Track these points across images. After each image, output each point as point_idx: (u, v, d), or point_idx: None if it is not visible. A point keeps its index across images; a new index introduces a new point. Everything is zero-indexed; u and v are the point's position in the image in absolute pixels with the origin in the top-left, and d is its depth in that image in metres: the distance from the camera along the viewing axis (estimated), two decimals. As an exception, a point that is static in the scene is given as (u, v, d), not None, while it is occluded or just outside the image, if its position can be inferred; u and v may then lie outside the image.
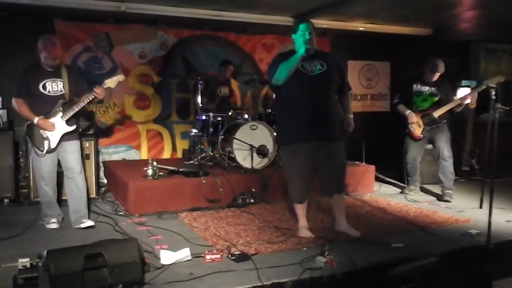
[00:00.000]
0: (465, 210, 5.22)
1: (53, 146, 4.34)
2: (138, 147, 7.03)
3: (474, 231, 4.24)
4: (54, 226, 4.45)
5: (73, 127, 4.41)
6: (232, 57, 7.30)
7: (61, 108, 4.32)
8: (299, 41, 3.96)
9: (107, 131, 6.74)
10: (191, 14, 6.40)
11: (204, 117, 6.28)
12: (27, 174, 5.52)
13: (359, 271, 3.38)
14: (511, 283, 3.65)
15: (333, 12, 6.50)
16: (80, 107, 4.35)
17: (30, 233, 4.28)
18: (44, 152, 4.32)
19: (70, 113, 4.34)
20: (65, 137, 4.39)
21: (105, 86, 4.39)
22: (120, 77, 4.52)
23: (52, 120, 4.30)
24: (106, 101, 6.62)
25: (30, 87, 4.26)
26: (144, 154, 7.01)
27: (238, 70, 7.48)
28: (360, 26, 7.38)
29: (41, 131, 4.29)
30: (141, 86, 6.93)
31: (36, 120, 4.24)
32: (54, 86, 4.33)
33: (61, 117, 4.33)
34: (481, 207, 5.23)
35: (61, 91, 4.35)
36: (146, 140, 7.09)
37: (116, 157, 6.83)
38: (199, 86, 6.32)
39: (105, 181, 6.35)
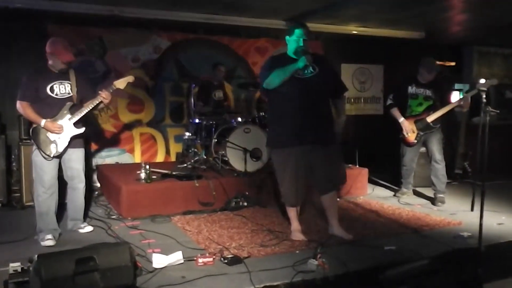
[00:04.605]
0: (457, 212, 5.23)
1: (60, 150, 4.15)
2: (131, 151, 7.02)
3: (466, 233, 4.25)
4: (50, 243, 4.04)
5: (82, 130, 4.24)
6: (225, 61, 7.31)
7: (68, 111, 4.17)
8: (293, 45, 4.01)
9: (100, 135, 6.72)
10: (184, 18, 6.43)
11: (197, 121, 6.29)
12: (19, 178, 5.49)
13: (352, 273, 3.39)
14: (502, 285, 3.66)
15: (326, 15, 6.53)
16: (87, 110, 4.24)
17: (21, 237, 4.23)
18: (52, 156, 4.11)
19: (78, 116, 4.19)
20: (72, 142, 4.22)
21: (114, 88, 4.32)
22: (129, 78, 4.44)
23: (60, 122, 4.13)
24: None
25: (37, 90, 4.08)
26: (137, 158, 6.99)
27: (231, 73, 7.49)
28: (353, 29, 7.42)
29: (48, 134, 4.10)
30: (134, 89, 6.89)
31: (43, 122, 4.05)
32: (61, 89, 4.17)
33: (69, 119, 4.16)
34: (472, 209, 5.25)
35: (68, 93, 4.20)
36: (140, 143, 7.08)
37: (109, 160, 6.82)
38: (193, 89, 6.33)
39: (98, 184, 6.34)
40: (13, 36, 6.16)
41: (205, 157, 6.23)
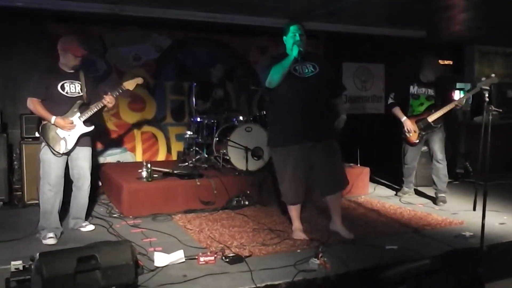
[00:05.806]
0: (459, 212, 5.22)
1: (70, 147, 4.22)
2: (132, 149, 7.02)
3: (468, 233, 4.25)
4: (51, 242, 4.04)
5: (91, 128, 4.33)
6: (226, 60, 7.30)
7: (78, 109, 4.24)
8: (290, 42, 4.02)
9: (101, 133, 6.71)
10: (184, 16, 6.41)
11: (198, 119, 6.29)
12: (20, 177, 5.49)
13: (353, 273, 3.38)
14: (504, 285, 3.65)
15: (326, 14, 6.51)
16: (94, 111, 4.31)
17: (23, 235, 4.23)
18: (61, 152, 4.17)
19: (88, 114, 4.27)
20: (80, 140, 4.29)
21: (124, 88, 4.46)
22: (138, 80, 4.58)
23: (70, 119, 4.21)
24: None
25: (48, 87, 4.15)
26: (138, 156, 6.99)
27: (232, 72, 7.48)
28: (354, 28, 7.39)
29: (58, 131, 4.16)
30: (135, 88, 6.89)
31: (53, 119, 4.11)
32: (72, 88, 4.25)
33: (79, 117, 4.24)
34: (474, 209, 5.24)
35: (78, 93, 4.27)
36: (141, 142, 7.08)
37: (110, 159, 6.81)
38: (194, 88, 6.33)
39: (100, 183, 6.33)
40: (13, 35, 6.15)
41: (206, 155, 6.22)
